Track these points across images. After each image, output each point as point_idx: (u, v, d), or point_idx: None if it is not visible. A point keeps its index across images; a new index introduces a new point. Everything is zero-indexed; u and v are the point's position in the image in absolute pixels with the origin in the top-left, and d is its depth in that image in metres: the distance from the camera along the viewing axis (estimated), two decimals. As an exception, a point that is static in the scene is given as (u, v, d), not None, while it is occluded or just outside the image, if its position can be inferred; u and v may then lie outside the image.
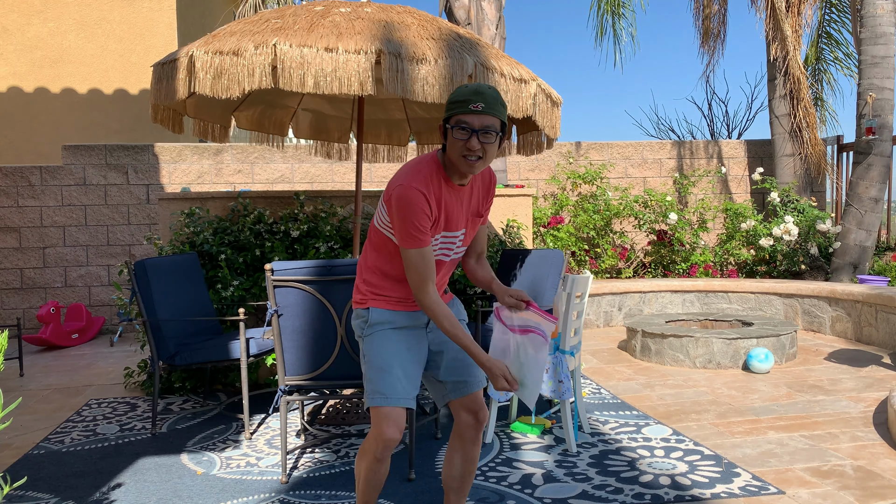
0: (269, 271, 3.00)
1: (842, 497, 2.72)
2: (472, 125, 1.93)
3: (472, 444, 2.21)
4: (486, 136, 1.95)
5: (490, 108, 1.94)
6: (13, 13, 8.65)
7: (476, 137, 1.94)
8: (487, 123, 1.94)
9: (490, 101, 1.95)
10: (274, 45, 3.45)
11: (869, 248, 7.11)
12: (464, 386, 2.19)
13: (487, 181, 2.20)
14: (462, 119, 1.94)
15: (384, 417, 2.05)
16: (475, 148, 1.94)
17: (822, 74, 9.79)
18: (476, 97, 1.93)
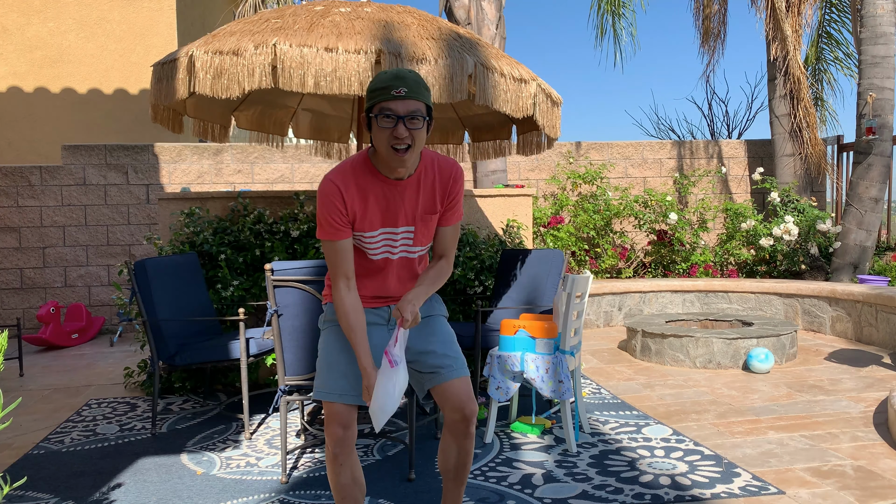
0: (269, 271, 3.00)
1: (842, 497, 2.72)
2: (397, 111, 1.84)
3: (465, 438, 2.11)
4: (413, 122, 1.85)
5: (414, 93, 1.85)
6: (13, 13, 8.65)
7: (402, 124, 1.84)
8: (412, 108, 1.85)
9: (412, 84, 1.86)
10: (274, 44, 3.45)
11: (869, 248, 7.11)
12: (437, 375, 2.08)
13: (447, 177, 2.04)
14: (385, 106, 1.84)
15: (328, 414, 2.05)
16: (403, 135, 1.84)
17: (822, 74, 9.79)
18: (397, 82, 1.84)
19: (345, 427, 2.03)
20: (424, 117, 1.89)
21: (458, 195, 2.08)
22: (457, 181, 2.06)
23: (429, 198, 2.04)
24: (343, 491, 2.07)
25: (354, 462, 2.08)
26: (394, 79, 1.85)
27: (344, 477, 2.06)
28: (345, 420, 2.04)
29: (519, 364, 3.31)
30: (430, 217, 2.06)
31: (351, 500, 2.09)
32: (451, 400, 2.07)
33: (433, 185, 2.03)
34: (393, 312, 1.96)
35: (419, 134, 1.89)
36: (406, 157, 1.89)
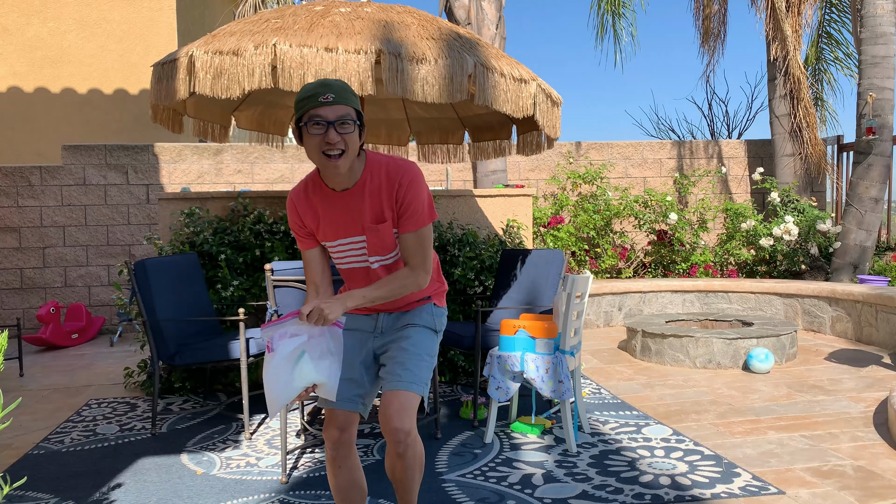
0: (269, 271, 3.00)
1: (842, 497, 2.72)
2: (327, 117, 1.84)
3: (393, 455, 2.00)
4: (344, 127, 1.85)
5: (341, 98, 1.86)
6: (13, 13, 8.65)
7: (333, 129, 1.84)
8: (342, 113, 1.85)
9: (339, 90, 1.86)
10: (274, 44, 3.45)
11: (869, 248, 7.11)
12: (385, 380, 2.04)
13: (394, 182, 1.96)
14: (314, 113, 1.85)
15: (327, 416, 2.06)
16: (334, 140, 1.84)
17: (822, 74, 9.79)
18: (323, 89, 1.85)
19: (341, 430, 2.03)
20: (355, 121, 1.88)
21: (408, 201, 1.96)
22: (403, 186, 1.95)
23: (375, 205, 1.98)
24: (341, 493, 2.07)
25: (353, 465, 2.06)
26: (320, 86, 1.86)
27: (341, 479, 2.05)
28: (342, 423, 2.03)
29: (519, 364, 3.31)
30: (377, 227, 1.98)
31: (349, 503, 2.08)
32: (381, 409, 1.98)
33: (378, 192, 1.97)
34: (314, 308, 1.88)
35: (351, 138, 1.87)
36: (339, 162, 1.87)
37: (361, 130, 1.94)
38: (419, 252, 2.01)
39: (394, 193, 1.97)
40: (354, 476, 2.07)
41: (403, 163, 1.99)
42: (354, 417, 2.05)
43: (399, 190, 1.96)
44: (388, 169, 1.98)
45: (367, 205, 1.98)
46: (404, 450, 1.98)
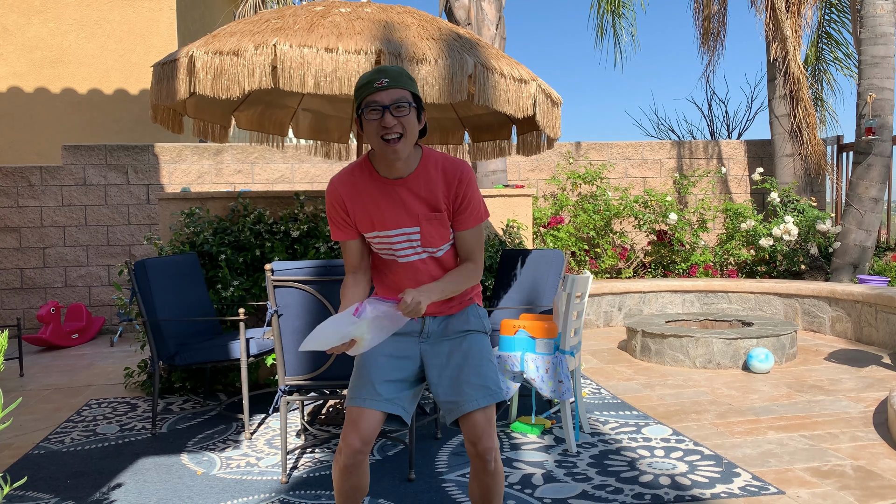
0: (269, 271, 3.00)
1: (842, 497, 2.72)
2: (382, 102, 1.86)
3: (483, 474, 1.99)
4: (400, 110, 1.86)
5: (396, 82, 1.88)
6: (13, 13, 8.65)
7: (389, 113, 1.86)
8: (397, 97, 1.87)
9: (394, 75, 1.89)
10: (274, 45, 3.45)
11: (869, 248, 7.11)
12: (455, 407, 1.98)
13: (453, 177, 1.98)
14: (371, 99, 1.87)
15: (350, 423, 1.98)
16: (391, 124, 1.85)
17: (822, 74, 9.80)
18: (379, 75, 1.88)
19: (363, 440, 1.95)
20: (410, 104, 1.89)
21: (468, 198, 2.00)
22: (463, 183, 1.98)
23: (431, 196, 1.98)
24: (344, 495, 2.03)
25: (363, 472, 2.01)
26: (375, 73, 1.89)
27: (349, 484, 2.01)
28: (365, 432, 1.95)
29: (519, 364, 3.31)
30: (434, 216, 1.98)
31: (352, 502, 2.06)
32: (465, 431, 1.97)
33: (436, 183, 1.98)
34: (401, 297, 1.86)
35: (408, 121, 1.88)
36: (399, 146, 1.87)
37: (420, 114, 1.94)
38: (479, 247, 2.05)
39: (452, 189, 1.98)
40: (362, 483, 2.03)
41: (460, 161, 2.02)
42: (376, 428, 1.97)
43: (459, 186, 1.98)
44: (444, 165, 1.99)
45: (424, 195, 1.98)
46: (495, 466, 1.98)
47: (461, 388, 1.98)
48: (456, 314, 2.10)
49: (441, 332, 2.09)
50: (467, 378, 1.99)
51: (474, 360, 2.03)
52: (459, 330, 2.09)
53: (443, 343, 2.08)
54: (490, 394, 1.98)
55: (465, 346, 2.06)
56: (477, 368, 2.01)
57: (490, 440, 1.95)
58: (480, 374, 2.00)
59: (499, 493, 2.03)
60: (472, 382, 1.98)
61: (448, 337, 2.09)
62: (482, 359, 2.04)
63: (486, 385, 1.99)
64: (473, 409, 1.95)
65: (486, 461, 1.96)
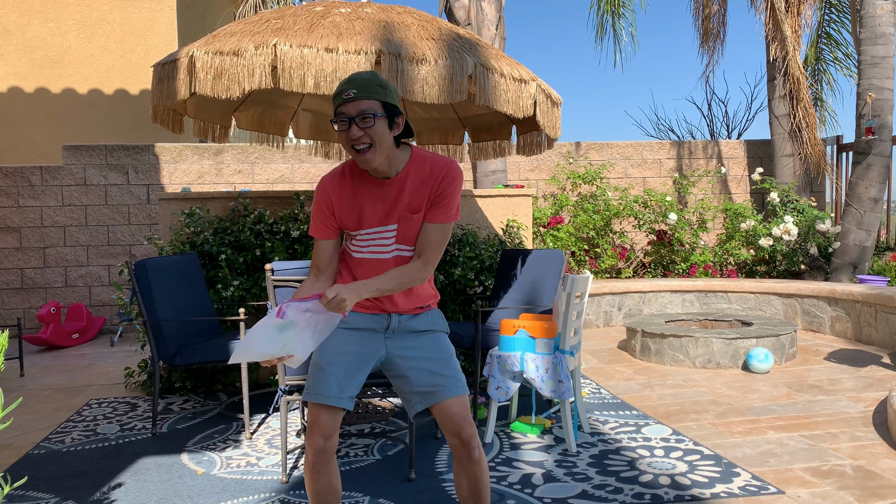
0: (269, 271, 3.01)
1: (841, 497, 2.73)
2: (349, 113, 1.89)
3: (469, 463, 2.04)
4: (365, 122, 1.89)
5: (363, 92, 1.89)
6: (13, 13, 8.66)
7: (354, 125, 1.89)
8: (363, 108, 1.89)
9: (362, 84, 1.90)
10: (274, 45, 3.46)
11: (868, 248, 7.12)
12: (429, 396, 2.04)
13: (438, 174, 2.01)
14: (339, 111, 1.91)
15: (311, 422, 2.02)
16: (356, 136, 1.89)
17: (822, 74, 9.80)
18: (347, 85, 1.90)
19: (325, 437, 2.00)
20: (376, 114, 1.90)
21: (447, 192, 2.01)
22: (447, 178, 2.01)
23: (415, 196, 2.01)
24: (318, 497, 2.05)
25: (332, 471, 2.04)
26: (345, 83, 1.92)
27: (320, 484, 2.04)
28: (326, 430, 2.00)
29: (519, 364, 3.32)
30: (412, 216, 2.02)
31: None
32: (445, 423, 2.02)
33: (422, 183, 2.01)
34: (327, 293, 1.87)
35: (374, 131, 1.90)
36: (368, 157, 1.91)
37: (392, 120, 1.94)
38: (437, 246, 2.04)
39: (436, 183, 2.01)
40: (333, 481, 2.05)
41: (449, 160, 2.05)
42: (337, 424, 2.02)
43: (443, 181, 2.01)
44: (432, 163, 2.03)
45: (407, 195, 2.01)
46: (479, 454, 2.04)
47: (434, 379, 2.05)
48: (421, 315, 2.16)
49: (406, 329, 2.14)
50: (439, 370, 2.06)
51: (442, 356, 2.11)
52: (423, 329, 2.15)
53: (408, 338, 2.14)
54: (460, 385, 2.06)
55: (431, 343, 2.13)
56: (447, 363, 2.09)
57: (471, 427, 2.03)
58: (450, 368, 2.08)
59: (486, 482, 2.08)
60: (444, 374, 2.06)
61: (413, 332, 2.14)
62: (449, 355, 2.13)
63: (456, 377, 2.07)
64: (450, 396, 2.03)
65: (472, 448, 2.02)
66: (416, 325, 2.14)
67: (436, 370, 2.06)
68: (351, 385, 2.05)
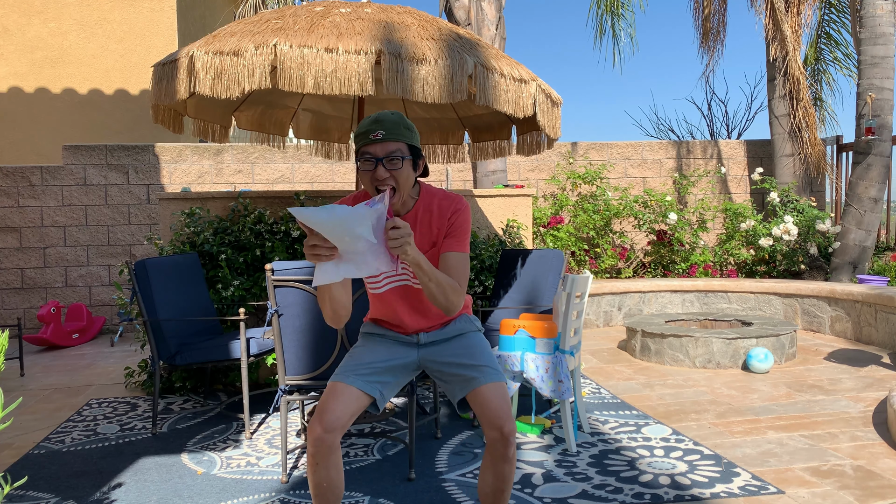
0: (269, 271, 3.01)
1: (841, 497, 2.73)
2: (376, 154, 1.92)
3: (502, 461, 2.01)
4: (392, 163, 1.93)
5: (391, 134, 1.92)
6: (14, 13, 8.66)
7: (382, 165, 1.92)
8: (391, 150, 1.92)
9: (389, 126, 1.93)
10: (274, 45, 3.46)
11: (868, 247, 7.12)
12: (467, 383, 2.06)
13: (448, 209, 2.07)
14: (366, 150, 1.94)
15: (319, 405, 2.02)
16: (382, 177, 1.92)
17: (822, 74, 9.80)
18: (375, 126, 1.93)
19: (326, 429, 1.96)
20: (404, 157, 1.94)
21: (458, 224, 2.06)
22: (456, 213, 2.06)
23: (424, 233, 2.07)
24: (316, 489, 2.04)
25: (332, 465, 2.01)
26: (372, 123, 1.94)
27: (318, 477, 2.02)
28: (330, 419, 1.97)
29: (519, 364, 3.32)
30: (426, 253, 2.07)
31: (323, 501, 2.05)
32: (487, 415, 1.99)
33: (429, 221, 2.07)
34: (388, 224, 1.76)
35: (400, 174, 1.94)
36: (393, 201, 1.96)
37: (416, 162, 2.00)
38: (463, 274, 2.05)
39: (446, 218, 2.06)
40: (332, 476, 2.02)
41: (456, 196, 2.11)
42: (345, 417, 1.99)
43: (454, 216, 2.06)
44: (440, 199, 2.09)
45: (418, 231, 2.06)
46: (513, 452, 2.00)
47: (466, 370, 2.08)
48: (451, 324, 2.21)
49: (436, 338, 2.20)
50: (471, 362, 2.09)
51: (475, 350, 2.14)
52: (454, 334, 2.20)
53: (439, 345, 2.19)
54: (495, 373, 2.07)
55: (462, 342, 2.18)
56: (479, 355, 2.12)
57: (513, 423, 2.02)
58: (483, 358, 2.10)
59: (511, 482, 2.08)
60: (476, 364, 2.08)
61: (444, 340, 2.20)
62: (481, 349, 2.15)
63: (490, 366, 2.08)
64: (488, 381, 2.03)
65: (509, 444, 1.99)
66: (446, 334, 2.19)
67: (468, 362, 2.09)
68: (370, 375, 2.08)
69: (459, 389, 2.09)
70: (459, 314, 2.23)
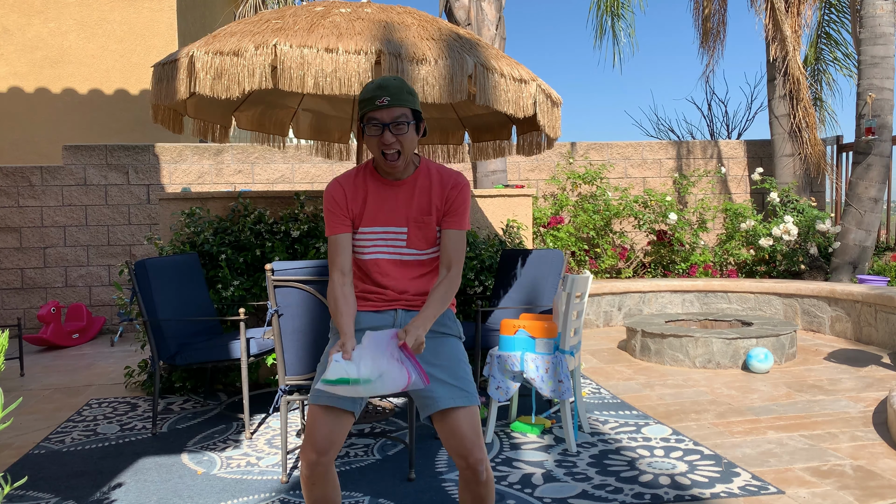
0: (269, 271, 3.01)
1: (841, 497, 2.73)
2: (383, 120, 1.95)
3: (476, 485, 1.95)
4: (399, 129, 1.96)
5: (396, 100, 1.95)
6: (14, 13, 8.65)
7: (388, 131, 1.96)
8: (396, 115, 1.96)
9: (395, 91, 1.96)
10: (274, 45, 3.46)
11: (868, 247, 7.12)
12: (431, 402, 1.95)
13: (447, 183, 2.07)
14: (372, 116, 1.96)
15: (308, 427, 1.95)
16: (389, 141, 1.96)
17: (822, 75, 9.80)
18: (380, 92, 1.95)
19: (319, 451, 1.91)
20: (408, 122, 1.97)
21: (458, 201, 2.07)
22: (455, 188, 2.08)
23: (423, 200, 2.07)
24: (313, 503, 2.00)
25: (329, 483, 1.97)
26: (377, 89, 1.96)
27: (314, 495, 1.98)
28: (321, 441, 1.91)
29: (519, 364, 3.32)
30: (423, 219, 2.06)
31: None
32: (450, 441, 1.91)
33: (429, 189, 2.08)
34: (398, 333, 1.84)
35: (405, 138, 1.98)
36: (398, 163, 2.00)
37: (419, 128, 2.04)
38: (460, 251, 2.08)
39: (445, 193, 2.07)
40: (328, 493, 1.98)
41: (456, 172, 2.13)
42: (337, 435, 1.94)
43: (452, 191, 2.08)
44: (440, 172, 2.10)
45: (416, 198, 2.07)
46: (487, 475, 1.95)
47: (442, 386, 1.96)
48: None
49: None
50: (444, 377, 1.98)
51: (452, 362, 2.02)
52: (436, 330, 2.08)
53: None
54: (466, 396, 1.95)
55: (440, 348, 2.05)
56: (455, 371, 2.00)
57: (480, 451, 1.92)
58: (458, 378, 1.99)
59: (492, 498, 2.02)
60: (448, 383, 1.97)
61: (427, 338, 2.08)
62: (459, 362, 2.04)
63: (461, 387, 1.97)
64: (458, 404, 1.92)
65: (479, 472, 1.92)
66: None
67: (442, 377, 1.98)
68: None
69: (427, 406, 1.96)
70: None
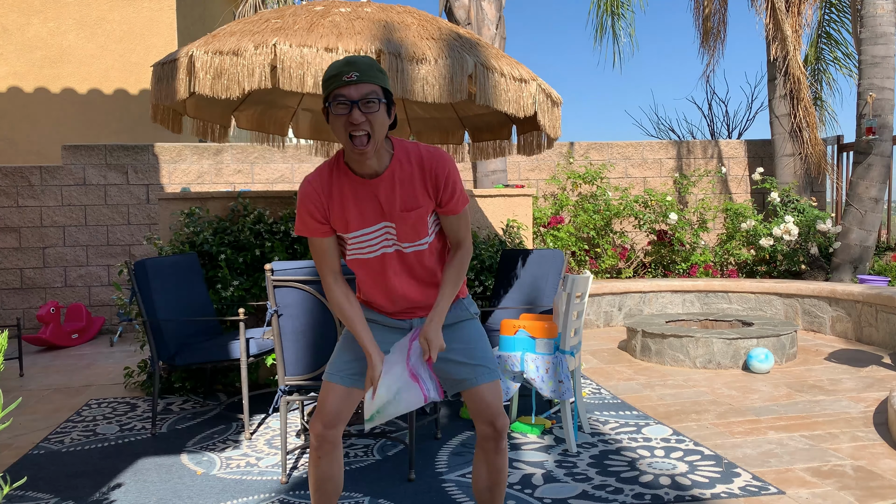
0: (269, 271, 3.00)
1: (842, 497, 2.72)
2: (351, 96, 1.78)
3: (495, 454, 2.05)
4: (368, 106, 1.79)
5: (365, 76, 1.79)
6: (13, 13, 8.65)
7: (357, 108, 1.78)
8: (366, 91, 1.79)
9: (364, 67, 1.80)
10: (274, 45, 3.45)
11: (869, 247, 7.11)
12: (462, 383, 2.05)
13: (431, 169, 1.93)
14: (339, 93, 1.80)
15: (318, 406, 2.03)
16: (358, 121, 1.78)
17: (822, 74, 9.80)
18: (348, 67, 1.79)
19: (326, 425, 2.00)
20: (380, 100, 1.81)
21: (450, 183, 1.95)
22: (442, 175, 1.94)
23: (406, 194, 1.93)
24: (316, 483, 2.06)
25: (335, 459, 2.04)
26: (345, 65, 1.81)
27: (320, 471, 2.04)
28: (329, 415, 2.00)
29: (519, 364, 3.31)
30: (408, 214, 1.94)
31: (322, 494, 2.06)
32: (479, 410, 2.03)
33: (411, 180, 1.94)
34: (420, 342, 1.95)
35: (376, 118, 1.81)
36: (367, 149, 1.82)
37: (390, 108, 1.88)
38: (466, 228, 2.07)
39: (432, 182, 1.94)
40: (334, 470, 2.05)
41: (435, 151, 1.96)
42: (342, 413, 2.01)
43: (439, 175, 1.94)
44: (419, 157, 1.94)
45: (398, 193, 1.93)
46: (505, 444, 2.07)
47: (460, 369, 2.06)
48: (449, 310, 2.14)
49: None
50: (466, 360, 2.07)
51: (470, 344, 2.11)
52: (451, 322, 2.12)
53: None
54: (489, 372, 2.06)
55: (458, 335, 2.11)
56: (472, 352, 2.09)
57: (504, 417, 2.04)
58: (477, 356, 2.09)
59: (506, 474, 2.10)
60: (470, 363, 2.07)
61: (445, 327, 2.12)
62: (476, 342, 2.11)
63: (484, 364, 2.07)
64: (485, 380, 2.04)
65: (501, 438, 2.04)
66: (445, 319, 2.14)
67: (464, 360, 2.06)
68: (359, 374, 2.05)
69: (452, 386, 2.08)
70: (456, 298, 2.13)
